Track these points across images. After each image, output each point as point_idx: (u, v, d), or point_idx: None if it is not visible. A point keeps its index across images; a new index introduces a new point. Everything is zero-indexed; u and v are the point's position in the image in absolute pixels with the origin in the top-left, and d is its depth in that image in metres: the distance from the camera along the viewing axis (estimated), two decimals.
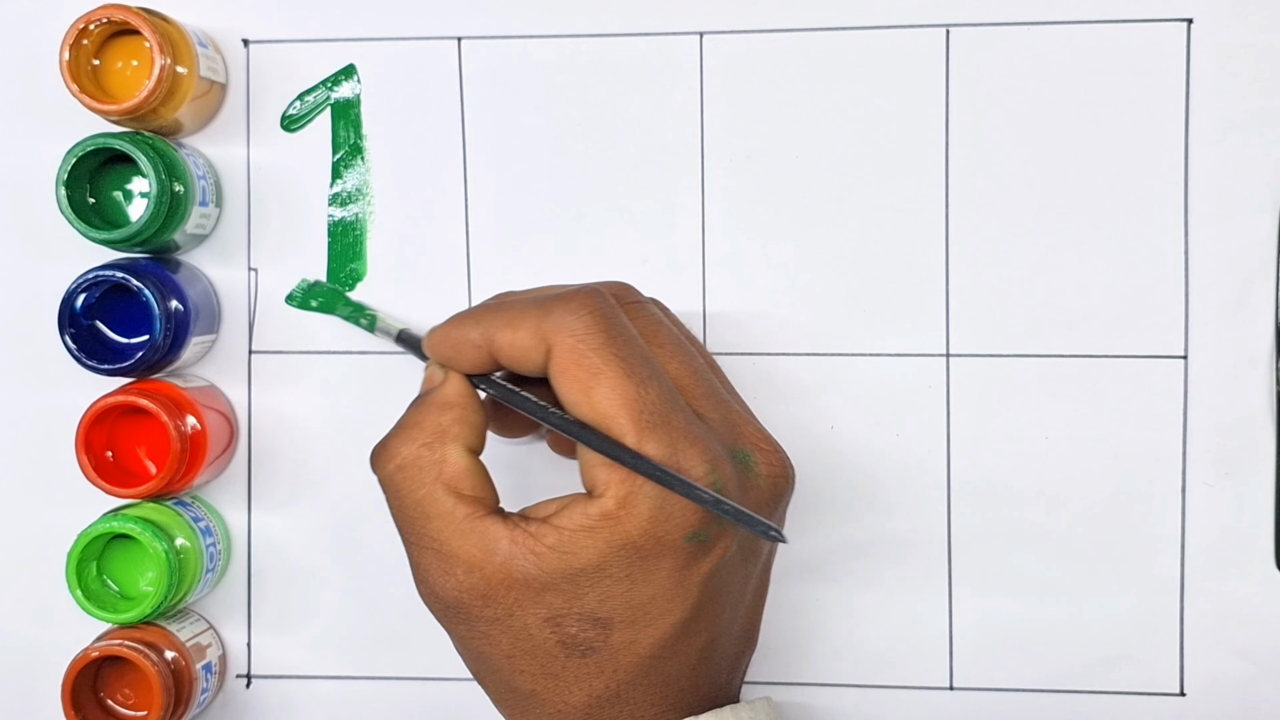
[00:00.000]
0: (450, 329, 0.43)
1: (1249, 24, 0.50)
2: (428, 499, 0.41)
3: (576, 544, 0.40)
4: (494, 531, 0.41)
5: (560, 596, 0.40)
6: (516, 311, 0.42)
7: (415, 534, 0.42)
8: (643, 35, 0.52)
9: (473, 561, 0.41)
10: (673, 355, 0.43)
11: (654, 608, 0.40)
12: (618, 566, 0.40)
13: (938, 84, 0.51)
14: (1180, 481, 0.51)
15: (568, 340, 0.40)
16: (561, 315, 0.41)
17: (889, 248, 0.52)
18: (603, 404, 0.40)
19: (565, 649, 0.41)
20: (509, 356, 0.42)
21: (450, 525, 0.41)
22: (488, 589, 0.41)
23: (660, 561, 0.40)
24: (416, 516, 0.42)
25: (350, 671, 0.54)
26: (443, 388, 0.43)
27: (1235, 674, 0.51)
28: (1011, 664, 0.52)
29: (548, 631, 0.41)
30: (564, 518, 0.40)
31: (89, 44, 0.50)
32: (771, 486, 0.43)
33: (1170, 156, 0.51)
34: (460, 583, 0.41)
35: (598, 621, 0.40)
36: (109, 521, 0.50)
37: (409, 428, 0.43)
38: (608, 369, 0.40)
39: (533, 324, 0.41)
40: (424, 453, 0.42)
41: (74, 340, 0.50)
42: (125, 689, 0.51)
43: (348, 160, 0.53)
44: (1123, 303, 0.51)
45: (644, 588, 0.40)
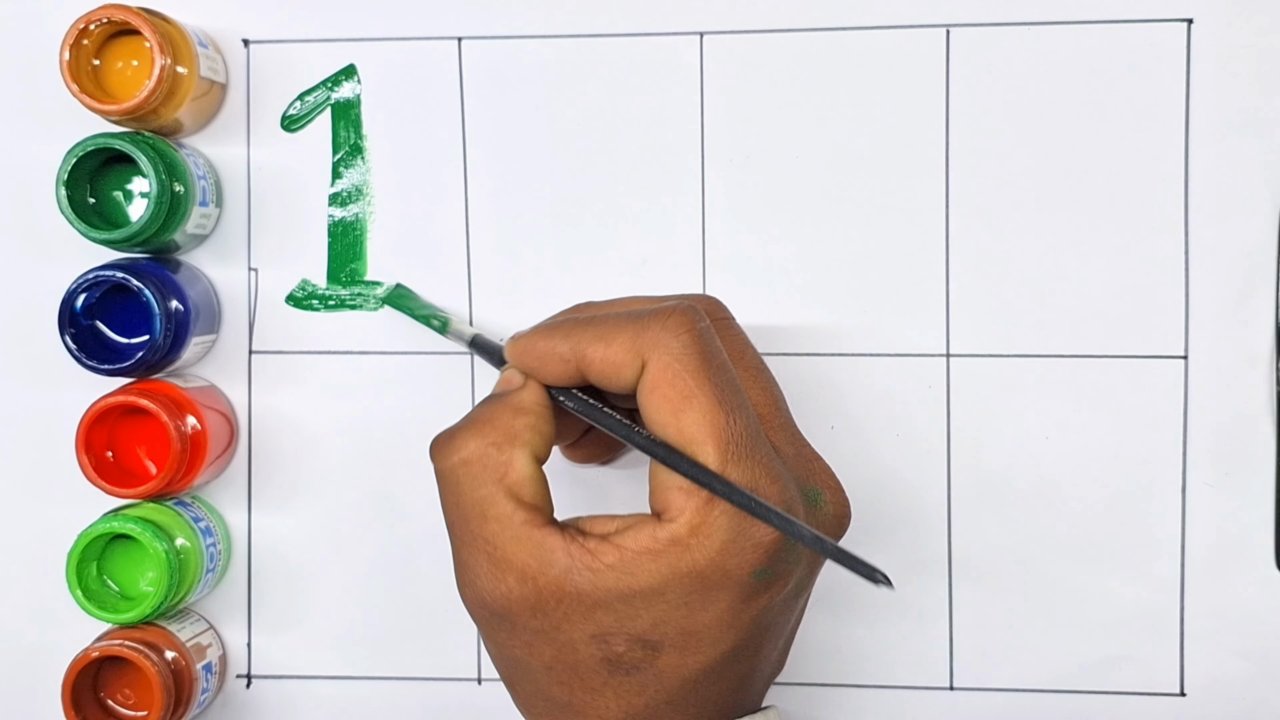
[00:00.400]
0: (537, 340, 0.42)
1: (1249, 24, 0.50)
2: (488, 499, 0.40)
3: (638, 565, 0.39)
4: (551, 543, 0.40)
5: (612, 615, 0.39)
6: (610, 326, 0.41)
7: (469, 534, 0.41)
8: (643, 35, 0.52)
9: (527, 570, 0.40)
10: (755, 380, 0.42)
11: (706, 636, 0.40)
12: (677, 593, 0.39)
13: (938, 84, 0.51)
14: (1180, 481, 0.51)
15: (664, 358, 0.39)
16: (659, 332, 0.40)
17: (889, 248, 0.52)
18: (691, 428, 0.39)
19: (609, 666, 0.40)
20: (599, 371, 0.41)
21: (508, 530, 0.40)
22: (539, 600, 0.40)
23: (721, 594, 0.39)
24: (473, 516, 0.40)
25: (350, 671, 0.54)
26: (521, 392, 0.42)
27: (1235, 674, 0.51)
28: (1011, 664, 0.52)
29: (594, 648, 0.40)
30: (628, 538, 0.39)
31: (89, 44, 0.50)
32: (836, 527, 0.42)
33: (1170, 156, 0.51)
34: (511, 590, 0.40)
35: (647, 644, 0.40)
36: (109, 521, 0.50)
37: (479, 423, 0.41)
38: (700, 393, 0.39)
39: (629, 339, 0.40)
40: (491, 451, 0.41)
41: (74, 340, 0.50)
42: (125, 689, 0.51)
43: (348, 160, 0.53)
44: (1123, 303, 0.51)
45: (700, 616, 0.39)
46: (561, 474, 0.52)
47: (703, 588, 0.39)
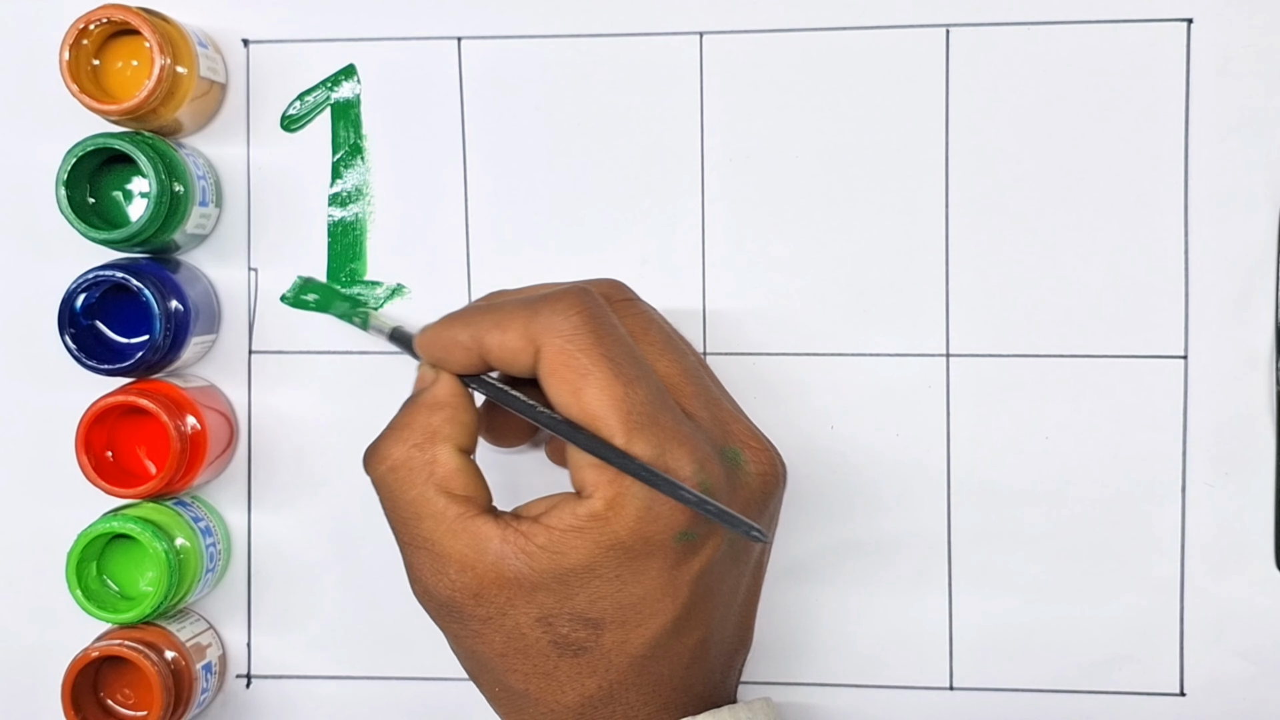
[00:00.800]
0: (440, 330, 0.43)
1: (1249, 24, 0.50)
2: (419, 499, 0.42)
3: (566, 544, 0.40)
4: (485, 531, 0.41)
5: (551, 596, 0.40)
6: (505, 313, 0.42)
7: (408, 534, 0.42)
8: (643, 35, 0.52)
9: (464, 561, 0.41)
10: (662, 353, 0.43)
11: (645, 608, 0.41)
12: (607, 567, 0.40)
13: (938, 84, 0.51)
14: (1180, 481, 0.51)
15: (555, 341, 0.40)
16: (549, 316, 0.41)
17: (889, 248, 0.51)
18: (591, 404, 0.40)
19: (557, 649, 0.41)
20: (498, 358, 0.42)
21: (442, 525, 0.41)
22: (479, 588, 0.41)
23: (649, 561, 0.40)
24: (409, 517, 0.42)
25: (350, 671, 0.54)
26: (433, 388, 0.43)
27: (1235, 674, 0.51)
28: (1011, 664, 0.52)
29: (539, 631, 0.41)
30: (554, 517, 0.40)
31: (89, 44, 0.50)
32: (761, 484, 0.43)
33: (1170, 156, 0.51)
34: (453, 582, 0.41)
35: (589, 622, 0.40)
36: (109, 521, 0.50)
37: (399, 429, 0.43)
38: (596, 369, 0.40)
39: (521, 325, 0.41)
40: (415, 453, 0.42)
41: (74, 340, 0.50)
42: (125, 689, 0.51)
43: (348, 160, 0.53)
44: (1123, 303, 0.51)
45: (634, 588, 0.40)
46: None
47: (630, 558, 0.40)
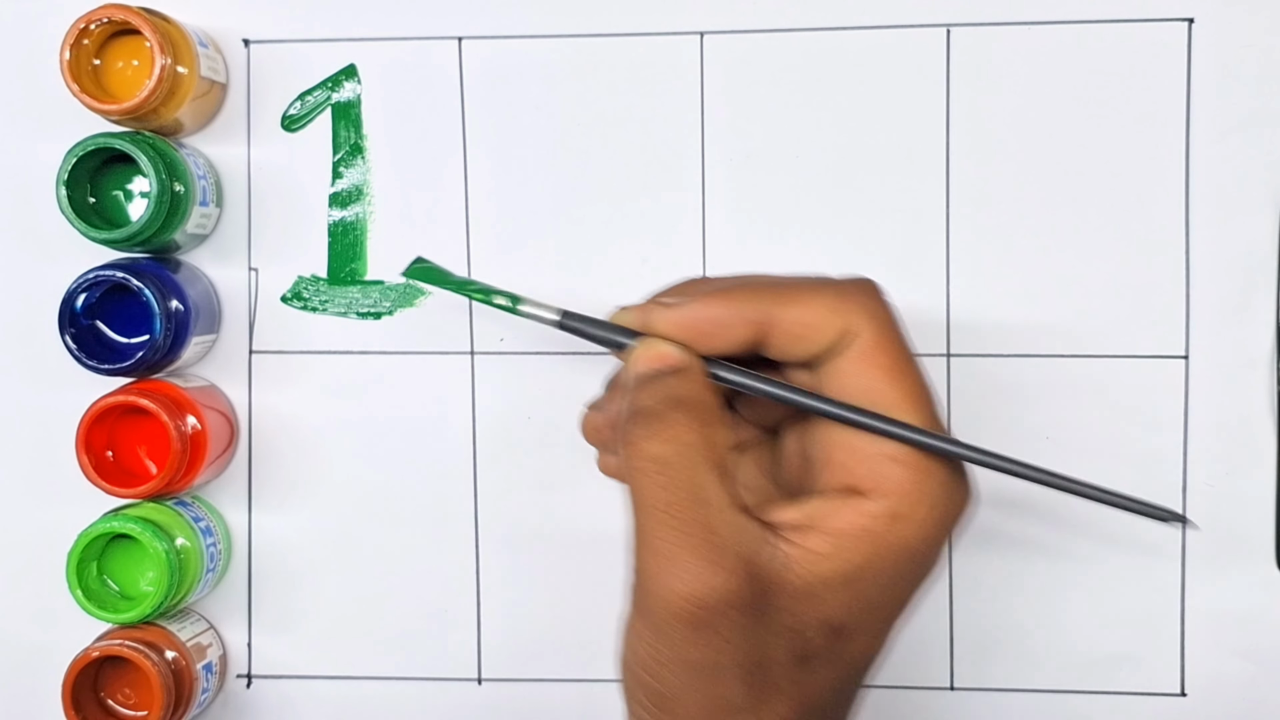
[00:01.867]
0: (704, 308, 0.38)
1: (1249, 24, 0.50)
2: (703, 484, 0.36)
3: (852, 548, 0.36)
4: (753, 530, 0.36)
5: (813, 604, 0.36)
6: (800, 290, 0.38)
7: (677, 523, 0.36)
8: (643, 35, 0.52)
9: (740, 556, 0.35)
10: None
11: (892, 615, 0.38)
12: (882, 571, 0.36)
13: (938, 84, 0.51)
14: (1181, 481, 0.51)
15: (876, 325, 0.37)
16: (866, 299, 0.37)
17: (889, 247, 0.51)
18: (912, 395, 0.37)
19: (797, 660, 0.36)
20: (787, 332, 0.37)
21: (724, 515, 0.36)
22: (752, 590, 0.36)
23: (919, 567, 0.37)
24: (685, 502, 0.36)
25: (350, 671, 0.54)
26: (692, 370, 0.38)
27: (1235, 674, 0.51)
28: (1011, 664, 0.52)
29: (787, 640, 0.36)
30: (832, 521, 0.36)
31: (89, 44, 0.50)
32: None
33: (1170, 156, 0.51)
34: (726, 581, 0.35)
35: (833, 628, 0.36)
36: (109, 521, 0.50)
37: (689, 403, 0.37)
38: (912, 361, 0.37)
39: (829, 303, 0.37)
40: (702, 433, 0.37)
41: (74, 340, 0.50)
42: (126, 689, 0.51)
43: (348, 160, 0.53)
44: (1123, 303, 0.51)
45: (895, 593, 0.37)
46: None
47: (910, 561, 0.37)
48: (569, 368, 0.53)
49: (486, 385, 0.53)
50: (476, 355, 0.53)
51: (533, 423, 0.53)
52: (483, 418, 0.53)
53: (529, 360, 0.53)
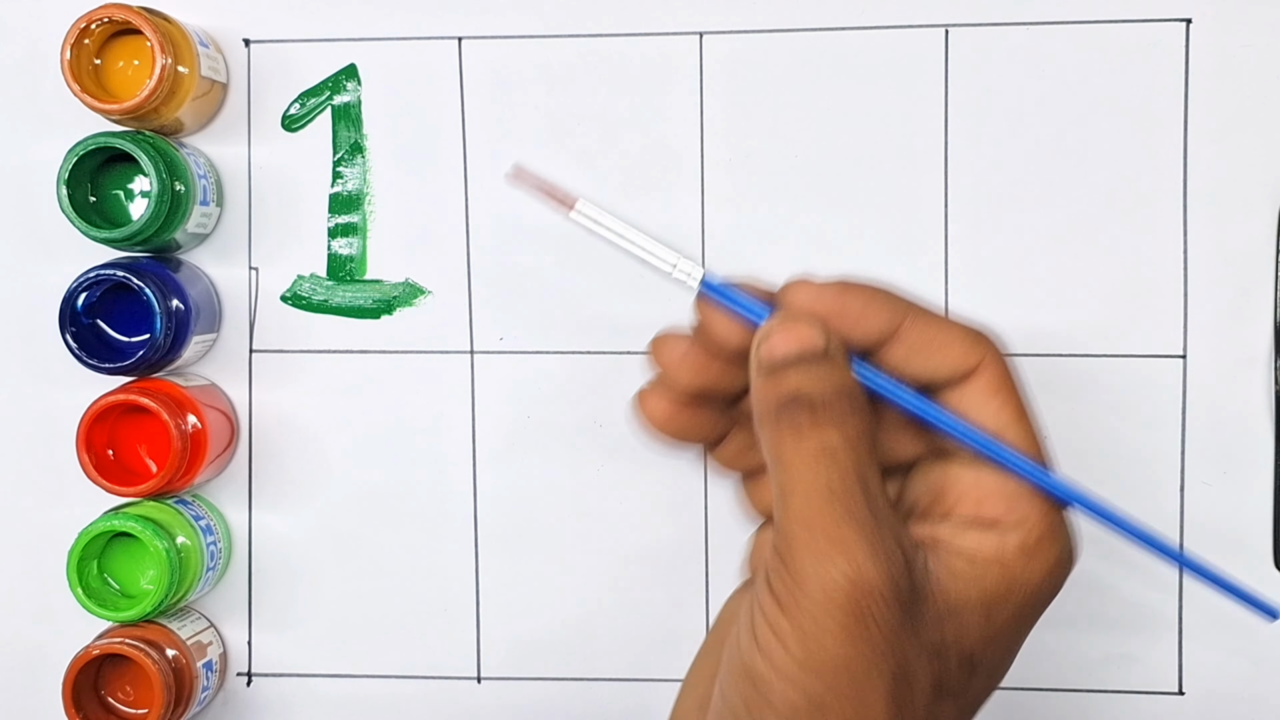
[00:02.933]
0: (844, 291, 0.36)
1: (1248, 24, 0.50)
2: (868, 474, 0.34)
3: (986, 575, 0.35)
4: (903, 534, 0.35)
5: (956, 627, 0.35)
6: (929, 311, 0.36)
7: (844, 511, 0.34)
8: (643, 35, 0.52)
9: (892, 557, 0.34)
10: None
11: (1010, 657, 0.37)
12: (1009, 608, 0.35)
13: (938, 84, 0.51)
14: (1179, 480, 0.51)
15: (1004, 363, 0.36)
16: (993, 337, 0.36)
17: (888, 247, 0.52)
18: (1033, 431, 0.36)
19: (936, 689, 0.35)
20: (919, 345, 0.36)
21: (884, 510, 0.34)
22: (911, 590, 0.34)
23: (1036, 611, 0.36)
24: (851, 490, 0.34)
25: (350, 670, 0.54)
26: (838, 358, 0.36)
27: (1234, 673, 0.51)
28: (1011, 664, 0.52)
29: (930, 663, 0.34)
30: (969, 541, 0.35)
31: (90, 43, 0.50)
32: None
33: (1169, 157, 0.51)
34: (890, 572, 0.33)
35: (970, 664, 0.35)
36: (110, 520, 0.50)
37: (837, 397, 0.35)
38: (1027, 409, 0.36)
39: (963, 331, 0.36)
40: (862, 427, 0.35)
41: (75, 339, 0.50)
42: (126, 687, 0.51)
43: (348, 160, 0.53)
44: (1121, 302, 0.51)
45: (1018, 635, 0.36)
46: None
47: (1033, 603, 0.36)
48: (569, 368, 0.53)
49: (486, 385, 0.53)
50: (476, 355, 0.53)
51: (533, 423, 0.53)
52: (482, 417, 0.53)
53: (529, 360, 0.53)
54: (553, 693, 0.53)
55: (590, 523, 0.53)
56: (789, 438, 0.35)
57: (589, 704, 0.53)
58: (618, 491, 0.53)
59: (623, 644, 0.53)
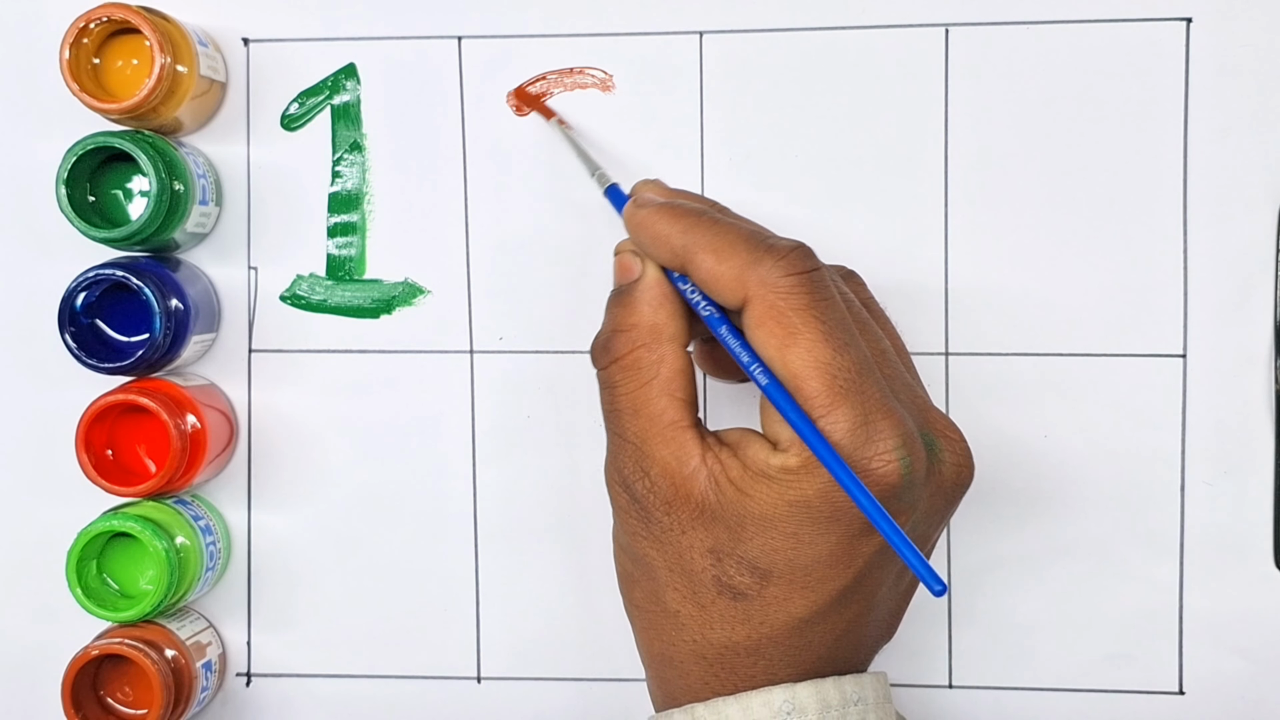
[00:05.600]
0: (656, 219, 0.42)
1: (1248, 24, 0.50)
2: (641, 398, 0.41)
3: (753, 488, 0.39)
4: (691, 446, 0.41)
5: (727, 533, 0.40)
6: (727, 241, 0.41)
7: (620, 428, 0.42)
8: (643, 35, 0.52)
9: (667, 468, 0.41)
10: (867, 329, 0.42)
11: (815, 571, 0.40)
12: (788, 522, 0.39)
13: (938, 84, 0.51)
14: (1179, 480, 0.51)
15: (769, 296, 0.39)
16: (770, 268, 0.40)
17: (889, 247, 0.52)
18: (796, 364, 0.39)
19: (719, 586, 0.40)
20: (701, 280, 0.41)
21: (655, 428, 0.41)
22: (672, 498, 0.40)
23: (832, 527, 0.39)
24: (626, 411, 0.42)
25: (350, 670, 0.54)
26: (645, 281, 0.43)
27: (1234, 673, 0.51)
28: (1011, 664, 0.52)
29: (708, 562, 0.40)
30: (748, 455, 0.40)
31: (89, 43, 0.50)
32: (955, 476, 0.42)
33: (1169, 156, 0.51)
34: (652, 484, 0.41)
35: (757, 570, 0.40)
36: (109, 520, 0.50)
37: (627, 327, 0.42)
38: (806, 330, 0.39)
39: (739, 265, 0.40)
40: (642, 353, 0.42)
41: (74, 339, 0.50)
42: (125, 687, 0.51)
43: (347, 160, 0.53)
44: (1122, 302, 0.51)
45: (809, 549, 0.39)
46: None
47: (811, 520, 0.39)
48: (569, 367, 0.53)
49: (486, 385, 0.53)
50: (476, 355, 0.53)
51: (533, 422, 0.53)
52: (482, 417, 0.53)
53: (529, 360, 0.53)
54: (553, 693, 0.53)
55: (590, 523, 0.53)
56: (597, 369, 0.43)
57: (589, 704, 0.53)
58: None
59: (623, 644, 0.53)
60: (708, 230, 0.41)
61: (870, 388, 0.39)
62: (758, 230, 0.42)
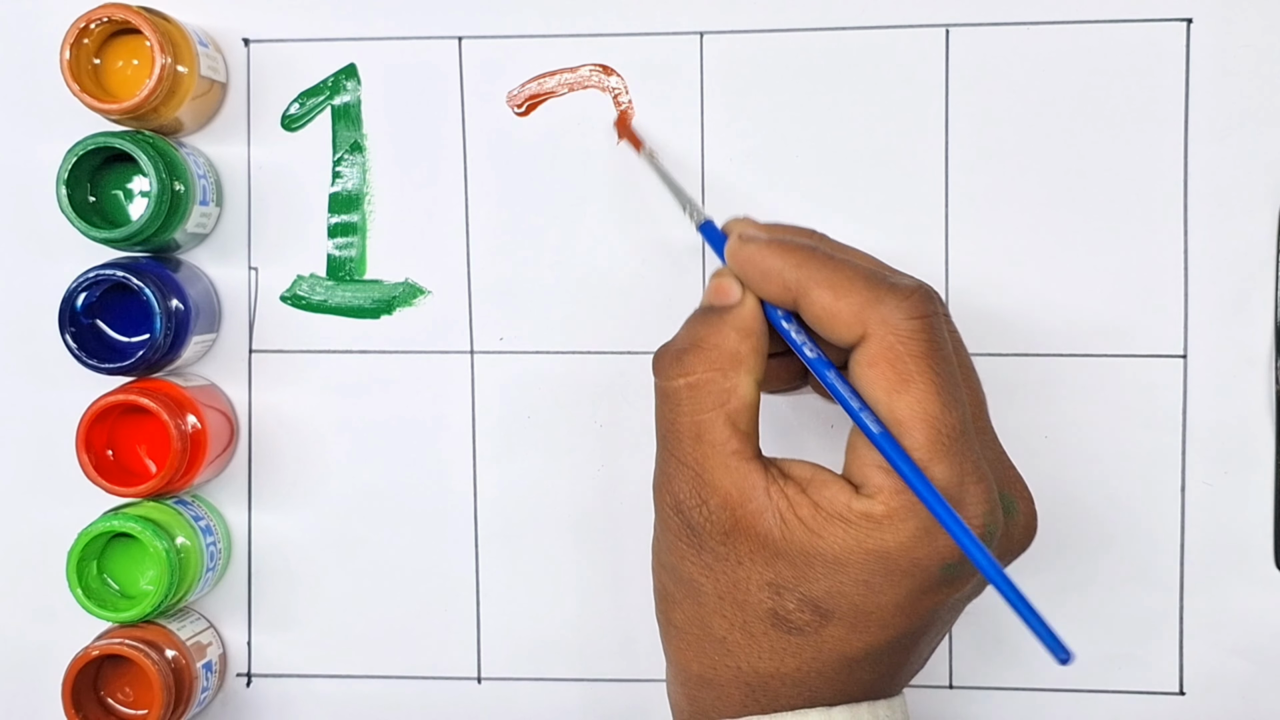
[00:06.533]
0: (766, 254, 0.41)
1: (1249, 24, 0.50)
2: (707, 424, 0.40)
3: (828, 530, 0.39)
4: (755, 479, 0.39)
5: (791, 570, 0.39)
6: (844, 277, 0.40)
7: (680, 450, 0.41)
8: (643, 35, 0.52)
9: (728, 499, 0.39)
10: (967, 380, 0.41)
11: (877, 618, 0.39)
12: (860, 569, 0.38)
13: (938, 84, 0.51)
14: (1180, 481, 0.51)
15: (889, 337, 0.39)
16: (892, 308, 0.39)
17: (889, 247, 0.51)
18: (903, 411, 0.38)
19: (774, 619, 0.40)
20: (815, 316, 0.40)
21: (718, 456, 0.40)
22: (732, 529, 0.39)
23: (904, 580, 0.39)
24: (687, 435, 0.40)
25: (350, 671, 0.54)
26: (741, 310, 0.41)
27: (1234, 673, 0.51)
28: (1011, 663, 0.52)
29: (765, 595, 0.40)
30: (824, 496, 0.39)
31: (89, 43, 0.50)
32: (1023, 537, 0.42)
33: (1170, 156, 0.51)
34: (711, 514, 0.40)
35: (819, 610, 0.39)
36: (109, 520, 0.50)
37: (706, 347, 0.41)
38: (920, 379, 0.38)
39: (859, 302, 0.39)
40: (716, 376, 0.40)
41: (74, 339, 0.50)
42: (126, 688, 0.51)
43: (348, 160, 0.53)
44: (1123, 302, 0.51)
45: (877, 598, 0.39)
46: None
47: (886, 570, 0.38)
48: (569, 367, 0.53)
49: (486, 385, 0.53)
50: (476, 355, 0.53)
51: (533, 423, 0.53)
52: (482, 418, 0.53)
53: (529, 360, 0.53)
54: (553, 693, 0.53)
55: (590, 523, 0.53)
56: (655, 379, 0.42)
57: (589, 704, 0.53)
58: (618, 491, 0.53)
59: (623, 644, 0.53)
60: (824, 266, 0.40)
61: (968, 449, 0.39)
62: (877, 268, 0.42)
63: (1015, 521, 0.41)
